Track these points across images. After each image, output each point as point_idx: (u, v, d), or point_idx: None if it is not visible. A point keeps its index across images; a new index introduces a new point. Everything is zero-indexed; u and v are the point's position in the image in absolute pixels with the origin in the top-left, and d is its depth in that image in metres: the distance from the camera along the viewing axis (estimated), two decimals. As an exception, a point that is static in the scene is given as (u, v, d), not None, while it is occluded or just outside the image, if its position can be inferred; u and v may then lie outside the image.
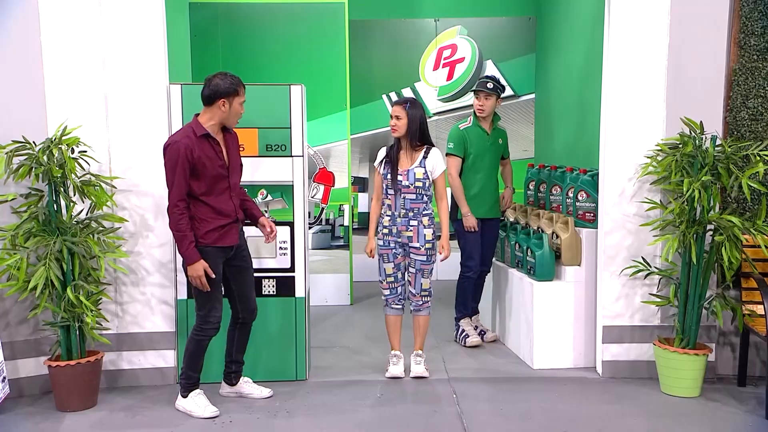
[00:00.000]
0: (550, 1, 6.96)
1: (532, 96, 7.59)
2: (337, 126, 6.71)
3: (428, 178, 4.47)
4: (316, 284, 6.50)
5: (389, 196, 4.49)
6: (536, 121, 7.54)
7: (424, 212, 4.49)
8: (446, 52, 7.66)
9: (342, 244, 6.82)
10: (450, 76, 7.67)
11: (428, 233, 4.49)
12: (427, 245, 4.49)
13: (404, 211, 4.47)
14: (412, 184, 4.45)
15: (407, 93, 7.64)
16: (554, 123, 6.79)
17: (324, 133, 6.70)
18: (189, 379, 4.01)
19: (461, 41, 7.63)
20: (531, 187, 5.72)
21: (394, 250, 4.52)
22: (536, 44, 7.49)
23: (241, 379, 4.26)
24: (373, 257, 4.59)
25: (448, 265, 5.42)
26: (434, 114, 7.66)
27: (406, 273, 4.59)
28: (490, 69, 7.60)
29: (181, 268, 4.00)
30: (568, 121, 6.32)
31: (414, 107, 4.47)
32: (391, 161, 4.47)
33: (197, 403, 3.98)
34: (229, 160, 3.97)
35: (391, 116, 4.49)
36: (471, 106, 5.23)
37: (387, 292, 4.58)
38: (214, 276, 3.85)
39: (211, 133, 3.88)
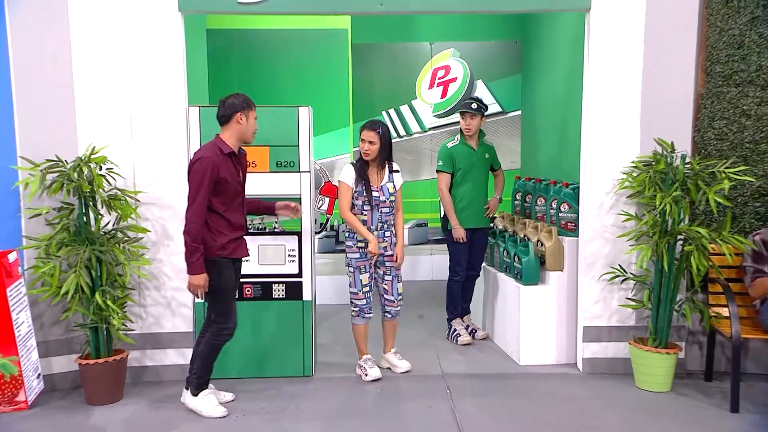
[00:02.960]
0: (534, 27, 6.96)
1: (519, 113, 7.59)
2: (341, 141, 6.73)
3: (396, 192, 4.47)
4: (321, 285, 6.51)
5: (365, 212, 4.41)
6: (522, 136, 7.54)
7: (393, 223, 4.50)
8: (440, 73, 7.67)
9: (344, 248, 6.81)
10: (444, 94, 7.68)
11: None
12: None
13: (380, 224, 4.43)
14: (387, 199, 4.42)
15: (405, 110, 7.66)
16: (539, 138, 6.80)
17: (329, 147, 6.73)
18: (201, 378, 3.93)
19: (454, 62, 7.64)
20: (518, 198, 5.72)
21: (369, 261, 4.46)
22: (522, 66, 7.49)
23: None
24: (376, 254, 4.39)
25: (444, 267, 5.44)
26: (429, 129, 7.68)
27: (381, 282, 4.53)
28: (481, 88, 7.62)
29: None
30: (551, 137, 6.32)
31: (385, 131, 4.40)
32: (364, 179, 4.38)
33: (207, 403, 3.91)
34: (243, 177, 3.95)
35: (363, 140, 4.35)
36: (463, 121, 5.23)
37: (363, 302, 4.46)
38: (207, 290, 3.78)
39: (235, 150, 3.83)
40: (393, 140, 7.15)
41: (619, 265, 4.43)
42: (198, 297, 3.80)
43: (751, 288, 4.10)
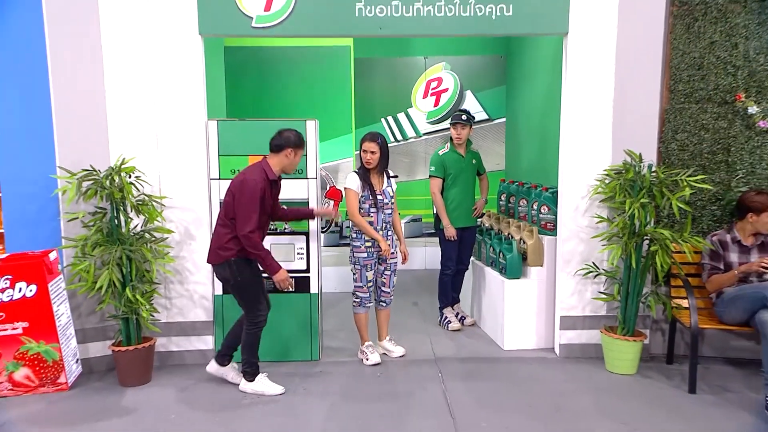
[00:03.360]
0: (518, 44, 6.99)
1: (503, 120, 7.64)
2: (344, 146, 6.77)
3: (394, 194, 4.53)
4: (326, 275, 6.54)
5: (371, 214, 4.42)
6: (506, 141, 7.57)
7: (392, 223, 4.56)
8: (433, 84, 7.69)
9: (347, 242, 6.87)
10: (437, 103, 7.71)
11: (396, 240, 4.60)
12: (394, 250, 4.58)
13: (385, 224, 4.46)
14: (390, 201, 4.47)
15: (402, 117, 7.69)
16: (521, 143, 6.84)
17: (334, 152, 6.77)
18: (252, 365, 3.99)
19: (446, 75, 7.67)
20: (503, 199, 5.76)
21: (374, 260, 4.50)
22: (507, 78, 7.52)
23: (230, 363, 4.19)
24: (389, 251, 4.46)
25: (436, 257, 5.48)
26: (424, 134, 7.73)
27: (380, 276, 4.56)
28: (469, 97, 7.65)
29: (219, 277, 3.99)
30: (532, 143, 6.36)
31: (383, 142, 4.40)
32: (369, 185, 4.41)
33: (266, 384, 3.99)
34: (275, 201, 3.99)
35: (365, 151, 4.35)
36: (453, 127, 5.26)
37: (366, 295, 4.50)
38: (232, 288, 3.90)
39: (276, 178, 3.88)
40: (391, 144, 7.25)
41: (593, 262, 4.48)
42: (290, 288, 3.93)
43: (708, 283, 4.18)
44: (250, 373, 4.01)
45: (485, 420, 3.55)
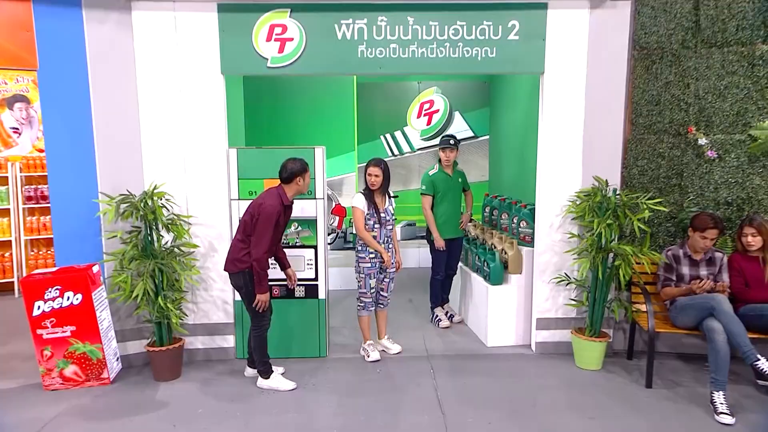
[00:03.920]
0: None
1: (487, 137, 7.70)
2: (348, 162, 6.85)
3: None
4: (332, 275, 6.64)
5: (375, 230, 4.48)
6: (490, 157, 7.64)
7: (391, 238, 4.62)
8: (426, 105, 7.77)
9: (351, 246, 6.97)
10: (429, 122, 7.79)
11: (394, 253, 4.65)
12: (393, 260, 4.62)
13: (386, 238, 4.52)
14: (391, 218, 4.53)
15: (398, 134, 7.76)
16: (503, 160, 6.91)
17: (339, 167, 6.86)
18: (264, 364, 4.05)
19: (437, 97, 7.74)
20: (487, 211, 5.84)
21: (377, 269, 4.56)
22: (490, 101, 7.58)
23: None
24: (390, 263, 4.54)
25: (428, 256, 5.54)
26: (417, 149, 7.80)
27: (380, 283, 4.61)
28: (457, 118, 7.72)
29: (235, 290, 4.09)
30: (512, 161, 6.43)
31: (386, 167, 4.44)
32: (374, 204, 4.46)
33: (280, 381, 4.05)
34: (286, 222, 4.05)
35: (370, 174, 4.40)
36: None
37: (369, 300, 4.56)
38: (245, 295, 3.97)
39: (290, 203, 3.94)
40: (388, 158, 7.34)
41: (565, 272, 4.55)
42: (262, 307, 3.92)
43: (661, 293, 4.25)
44: (264, 371, 4.07)
45: (471, 416, 3.61)
